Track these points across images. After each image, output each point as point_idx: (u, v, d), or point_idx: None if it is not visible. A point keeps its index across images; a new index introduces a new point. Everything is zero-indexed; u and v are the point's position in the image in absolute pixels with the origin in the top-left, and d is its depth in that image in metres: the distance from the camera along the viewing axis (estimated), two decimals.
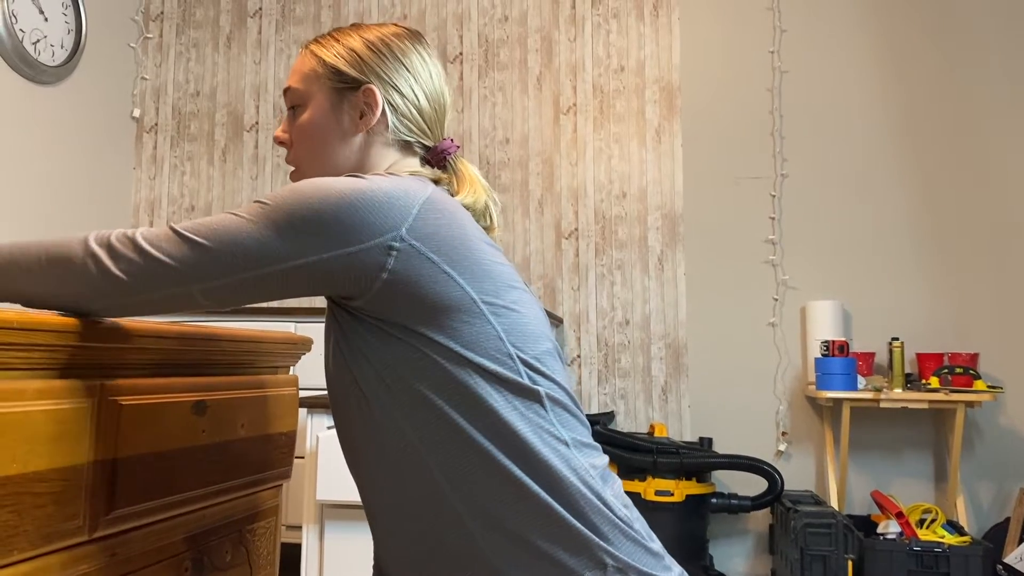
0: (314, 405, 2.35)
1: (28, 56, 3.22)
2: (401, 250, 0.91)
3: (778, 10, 3.51)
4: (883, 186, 3.36)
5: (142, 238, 0.91)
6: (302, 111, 1.13)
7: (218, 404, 1.24)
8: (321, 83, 1.13)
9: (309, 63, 1.14)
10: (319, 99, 1.13)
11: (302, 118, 1.13)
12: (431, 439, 0.93)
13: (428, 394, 0.93)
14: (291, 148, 1.15)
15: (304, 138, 1.13)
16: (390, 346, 0.94)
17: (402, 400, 0.94)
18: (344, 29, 1.17)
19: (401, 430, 0.94)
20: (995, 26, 3.33)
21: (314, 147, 1.13)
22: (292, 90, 1.15)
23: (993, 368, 3.20)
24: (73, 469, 0.94)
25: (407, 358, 0.93)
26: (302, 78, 1.14)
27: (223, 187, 3.85)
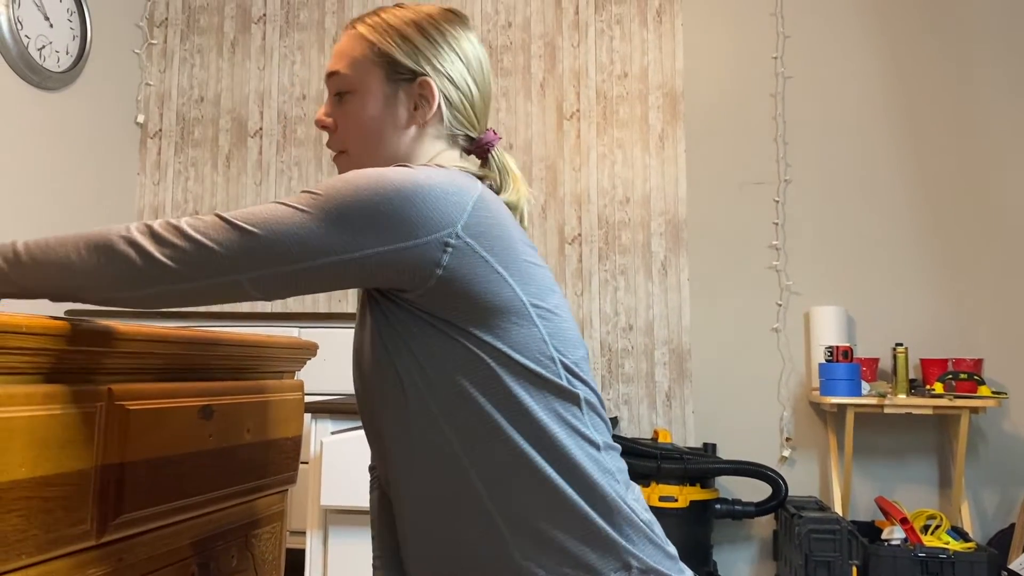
0: (319, 410, 2.35)
1: (33, 62, 3.23)
2: (456, 247, 0.90)
3: (781, 16, 3.51)
4: (887, 191, 3.36)
5: (188, 225, 0.89)
6: (353, 99, 1.08)
7: (224, 409, 1.24)
8: (374, 72, 1.07)
9: (359, 48, 1.08)
10: (373, 89, 1.08)
11: (354, 106, 1.08)
12: (469, 436, 0.93)
13: (471, 391, 0.92)
14: (335, 133, 1.10)
15: (356, 127, 1.08)
16: (437, 340, 0.93)
17: (443, 395, 0.93)
18: (389, 10, 1.10)
19: (438, 425, 0.93)
20: (999, 33, 3.34)
21: (367, 138, 1.08)
22: (340, 76, 1.09)
23: (997, 374, 3.20)
24: (81, 474, 0.94)
25: (454, 353, 0.93)
26: (352, 64, 1.08)
27: (227, 193, 3.86)
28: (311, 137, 3.82)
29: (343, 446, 2.18)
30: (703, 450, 3.25)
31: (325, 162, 3.79)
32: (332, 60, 1.10)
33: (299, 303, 3.72)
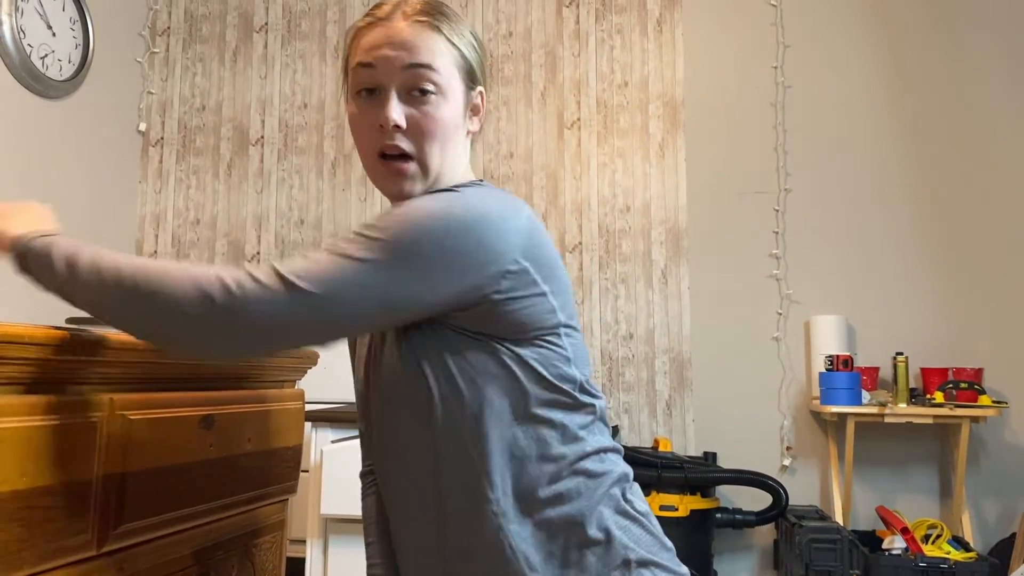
0: (318, 419, 2.35)
1: (36, 71, 3.24)
2: (515, 272, 0.91)
3: (781, 25, 3.52)
4: (887, 200, 3.37)
5: (251, 290, 0.84)
6: (437, 99, 0.99)
7: (225, 418, 1.24)
8: (457, 76, 1.02)
9: (443, 47, 1.01)
10: (457, 93, 1.02)
11: (440, 108, 0.99)
12: (489, 447, 0.93)
13: (497, 402, 0.93)
14: (406, 135, 0.99)
15: (437, 130, 0.99)
16: (472, 353, 0.93)
17: (470, 405, 0.93)
18: (448, 9, 1.05)
19: (460, 435, 0.93)
20: (1000, 42, 3.34)
21: (446, 144, 1.01)
22: (432, 71, 0.99)
23: (998, 383, 3.20)
24: (82, 483, 0.95)
25: (487, 367, 0.93)
26: (442, 62, 1.00)
27: (228, 201, 3.86)
28: (312, 145, 3.83)
29: (343, 455, 2.18)
30: (703, 459, 3.25)
31: (326, 171, 3.79)
32: (406, 51, 0.98)
33: None
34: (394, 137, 0.98)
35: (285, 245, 3.78)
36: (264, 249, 3.80)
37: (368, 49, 1.00)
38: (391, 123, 0.97)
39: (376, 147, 0.99)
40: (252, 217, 3.83)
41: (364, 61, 1.00)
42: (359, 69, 1.00)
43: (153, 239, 3.89)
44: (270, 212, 3.82)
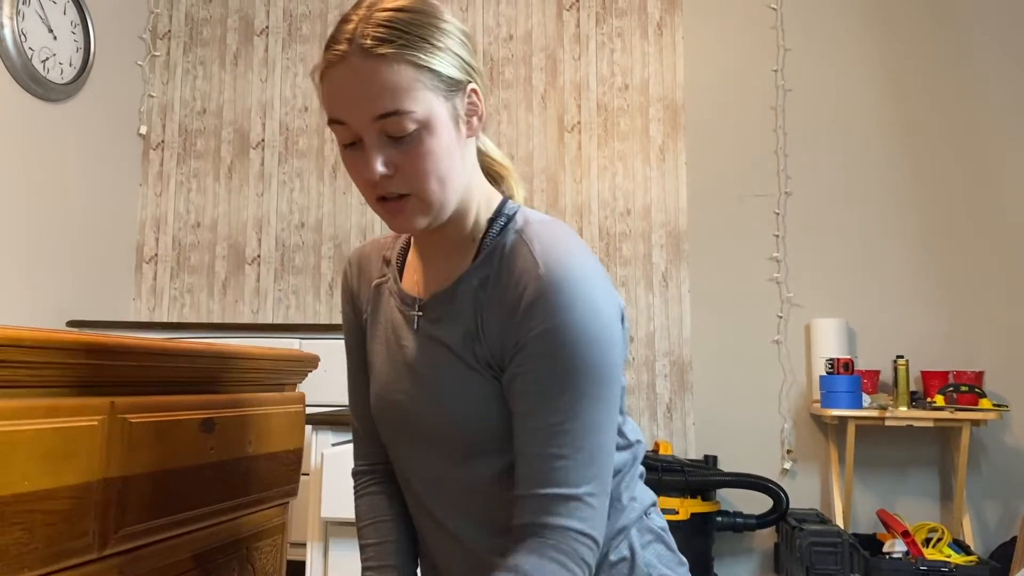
0: (319, 422, 2.35)
1: (37, 74, 3.24)
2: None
3: (781, 29, 3.53)
4: (887, 204, 3.37)
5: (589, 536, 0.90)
6: (421, 134, 0.91)
7: (226, 422, 1.24)
8: (440, 96, 0.93)
9: (414, 76, 0.91)
10: (442, 114, 0.93)
11: (424, 143, 0.91)
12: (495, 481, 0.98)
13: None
14: (396, 178, 0.93)
15: (430, 166, 0.92)
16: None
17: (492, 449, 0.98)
18: (381, 13, 0.91)
19: (509, 476, 0.97)
20: (999, 45, 3.35)
21: (444, 172, 0.94)
22: (405, 114, 0.90)
23: (998, 386, 3.20)
24: (83, 487, 0.95)
25: None
26: (416, 96, 0.90)
27: (229, 204, 3.87)
28: (313, 148, 3.83)
29: (344, 458, 2.17)
30: (704, 462, 3.25)
31: (327, 174, 3.80)
32: (371, 100, 0.90)
33: (300, 314, 3.73)
34: (387, 186, 0.93)
35: (286, 248, 3.79)
36: (264, 252, 3.80)
37: (332, 101, 0.92)
38: (375, 177, 0.92)
39: (372, 196, 0.95)
40: (253, 220, 3.83)
41: (333, 117, 0.93)
42: (333, 126, 0.94)
43: (154, 242, 3.89)
44: (271, 215, 3.82)
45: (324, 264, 3.74)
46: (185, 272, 3.86)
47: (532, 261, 0.93)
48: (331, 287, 3.73)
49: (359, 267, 1.15)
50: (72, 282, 3.47)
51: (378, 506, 1.14)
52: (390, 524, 1.12)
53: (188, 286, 3.84)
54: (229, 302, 3.80)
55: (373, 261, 1.14)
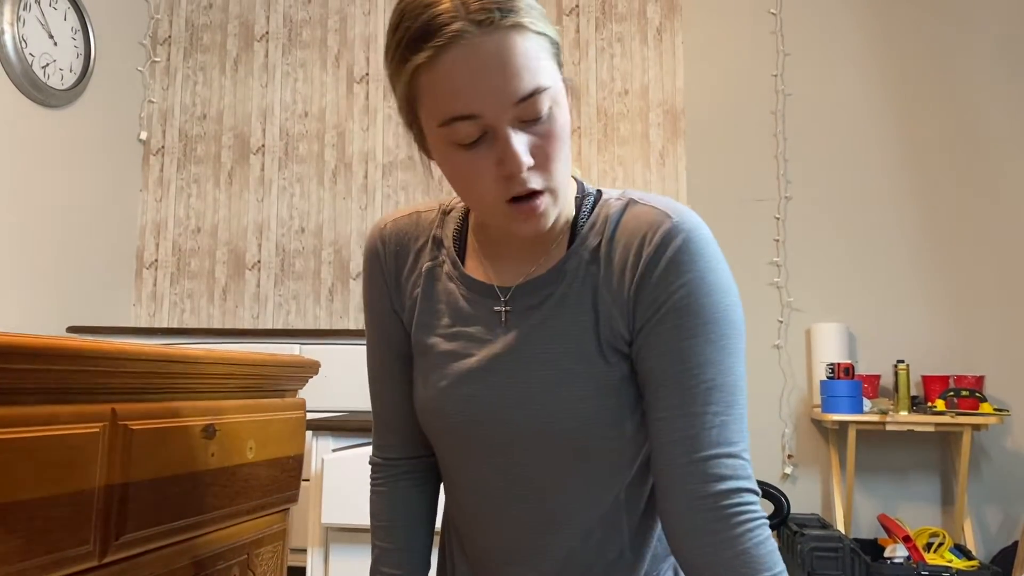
0: (320, 428, 2.35)
1: (37, 80, 3.25)
2: None
3: (781, 34, 3.53)
4: (888, 208, 3.37)
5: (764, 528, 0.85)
6: (554, 110, 0.82)
7: (227, 428, 1.24)
8: (557, 66, 0.84)
9: (539, 46, 0.81)
10: (561, 87, 0.84)
11: (557, 121, 0.82)
12: (634, 497, 0.95)
13: (645, 454, 0.93)
14: (534, 169, 0.82)
15: (563, 146, 0.83)
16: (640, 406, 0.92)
17: (640, 459, 0.94)
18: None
19: (619, 481, 0.93)
20: (999, 51, 3.35)
21: (568, 156, 0.85)
22: (544, 91, 0.80)
23: (999, 391, 3.20)
24: (84, 494, 0.95)
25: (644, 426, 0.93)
26: (545, 70, 0.81)
27: (229, 209, 3.87)
28: (313, 154, 3.83)
29: (344, 464, 2.17)
30: None
31: (327, 179, 3.80)
32: (508, 81, 0.78)
33: (300, 319, 3.73)
34: (526, 181, 0.81)
35: (286, 254, 3.79)
36: (264, 257, 3.80)
37: (457, 94, 0.78)
38: (523, 168, 0.80)
39: (502, 196, 0.83)
40: (253, 225, 3.84)
41: (462, 114, 0.79)
42: (456, 124, 0.80)
43: (154, 248, 3.89)
44: (271, 220, 3.82)
45: (324, 269, 3.74)
46: (185, 277, 3.86)
47: (658, 213, 0.88)
48: (331, 292, 3.72)
49: (398, 245, 1.02)
50: (72, 287, 3.47)
51: (393, 507, 1.08)
52: (402, 529, 1.07)
53: (188, 291, 3.85)
54: (229, 307, 3.80)
55: (416, 241, 1.01)
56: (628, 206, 0.91)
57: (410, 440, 1.08)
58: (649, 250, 0.87)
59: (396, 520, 1.07)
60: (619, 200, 0.93)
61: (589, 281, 0.90)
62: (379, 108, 3.79)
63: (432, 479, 1.11)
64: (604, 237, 0.90)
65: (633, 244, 0.88)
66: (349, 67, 3.84)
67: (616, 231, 0.90)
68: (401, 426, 1.07)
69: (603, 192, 0.96)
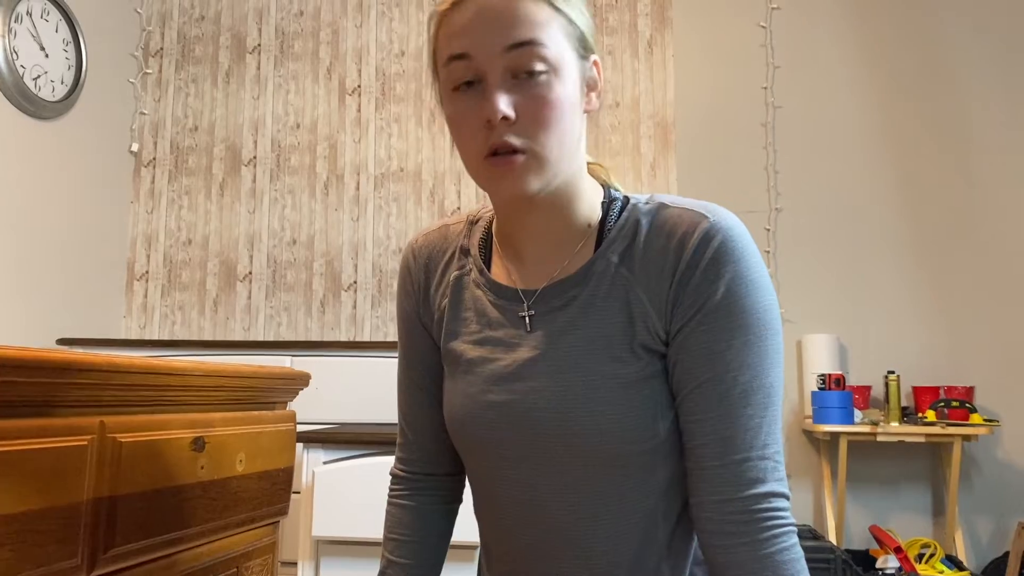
0: (311, 440, 2.35)
1: (28, 92, 3.24)
2: None
3: (771, 47, 3.56)
4: (878, 219, 3.39)
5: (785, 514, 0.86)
6: (550, 78, 0.84)
7: (217, 440, 1.24)
8: (568, 48, 0.87)
9: (547, 15, 0.85)
10: (572, 66, 0.87)
11: (553, 89, 0.84)
12: (670, 505, 0.93)
13: (680, 465, 0.92)
14: (516, 127, 0.84)
15: (554, 116, 0.84)
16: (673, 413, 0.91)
17: (673, 463, 0.91)
18: None
19: (653, 489, 0.91)
20: (987, 62, 3.38)
21: (563, 130, 0.86)
22: (539, 46, 0.83)
23: (989, 402, 3.21)
24: (72, 507, 0.94)
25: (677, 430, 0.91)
26: (550, 33, 0.85)
27: (220, 221, 3.86)
28: (305, 165, 3.83)
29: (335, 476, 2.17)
30: None
31: (318, 191, 3.80)
32: (504, 27, 0.83)
33: (292, 331, 3.72)
34: (503, 133, 0.83)
35: (277, 265, 3.78)
36: (256, 269, 3.79)
37: (457, 35, 0.85)
38: (499, 116, 0.82)
39: (482, 148, 0.85)
40: (244, 237, 3.83)
41: (456, 52, 0.85)
42: (452, 63, 0.85)
43: (145, 259, 3.89)
44: (262, 232, 3.82)
45: (316, 281, 3.74)
46: (176, 289, 3.85)
47: (695, 214, 0.88)
48: (323, 304, 3.72)
49: (428, 259, 1.04)
50: (63, 299, 3.45)
51: (409, 521, 1.07)
52: (415, 545, 1.06)
53: (179, 303, 3.83)
54: (220, 319, 3.79)
55: (444, 252, 1.03)
56: (659, 209, 0.92)
57: (435, 456, 1.07)
58: (688, 251, 0.86)
59: (412, 534, 1.06)
60: (648, 204, 0.93)
61: (619, 282, 0.90)
62: (371, 120, 3.80)
63: (453, 500, 1.10)
64: (638, 240, 0.90)
65: (671, 245, 0.88)
66: (341, 79, 3.85)
67: (650, 232, 0.90)
68: (426, 441, 1.07)
69: (631, 197, 0.96)
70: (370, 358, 3.09)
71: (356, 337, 3.65)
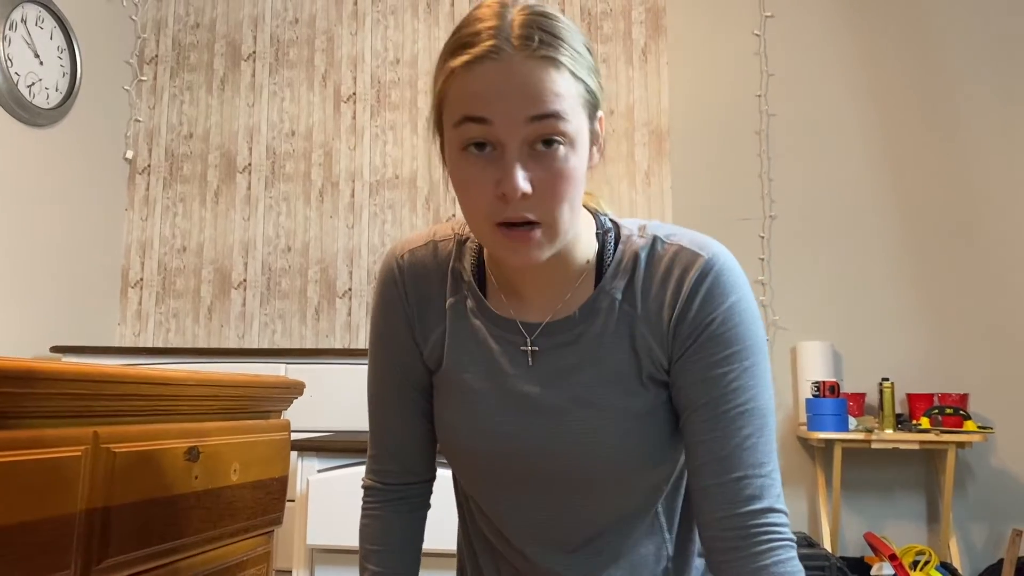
0: (305, 448, 2.34)
1: (23, 99, 3.24)
2: None
3: (765, 55, 3.57)
4: (872, 227, 3.40)
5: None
6: (566, 151, 0.84)
7: (211, 450, 1.24)
8: (584, 112, 0.87)
9: (570, 84, 0.84)
10: (584, 134, 0.87)
11: (568, 161, 0.84)
12: (670, 506, 1.02)
13: (680, 467, 1.01)
14: (531, 200, 0.83)
15: (569, 189, 0.85)
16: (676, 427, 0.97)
17: (673, 473, 1.00)
18: (560, 20, 0.87)
19: (657, 498, 1.00)
20: (983, 70, 3.39)
21: (575, 199, 0.86)
22: (560, 120, 0.82)
23: (983, 408, 3.21)
24: (65, 519, 0.94)
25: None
26: (569, 105, 0.84)
27: (215, 228, 3.86)
28: (299, 172, 3.83)
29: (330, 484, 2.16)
30: None
31: (313, 198, 3.80)
32: (528, 99, 0.81)
33: (286, 339, 3.71)
34: (518, 207, 0.83)
35: (272, 272, 3.78)
36: (250, 276, 3.79)
37: (477, 97, 0.82)
38: (518, 193, 0.81)
39: (494, 215, 0.84)
40: (239, 244, 3.83)
41: (475, 115, 0.82)
42: (468, 124, 0.83)
43: (139, 267, 3.88)
44: (257, 239, 3.82)
45: (310, 288, 3.74)
46: (170, 297, 3.84)
47: (690, 253, 0.92)
48: (317, 311, 3.72)
49: (418, 277, 1.01)
50: (57, 307, 3.44)
51: (387, 532, 1.07)
52: (400, 554, 1.07)
53: (173, 311, 3.83)
54: (215, 327, 3.78)
55: (433, 273, 1.01)
56: (655, 244, 0.95)
57: (410, 467, 1.08)
58: (686, 287, 0.90)
59: (391, 544, 1.07)
60: (642, 237, 0.96)
61: (624, 319, 0.93)
62: (366, 127, 3.80)
63: (425, 504, 1.12)
64: (637, 275, 0.93)
65: (670, 283, 0.91)
66: (336, 86, 3.85)
67: (650, 270, 0.93)
68: (404, 454, 1.07)
69: (622, 227, 0.98)
70: (365, 365, 3.08)
71: (351, 344, 3.65)
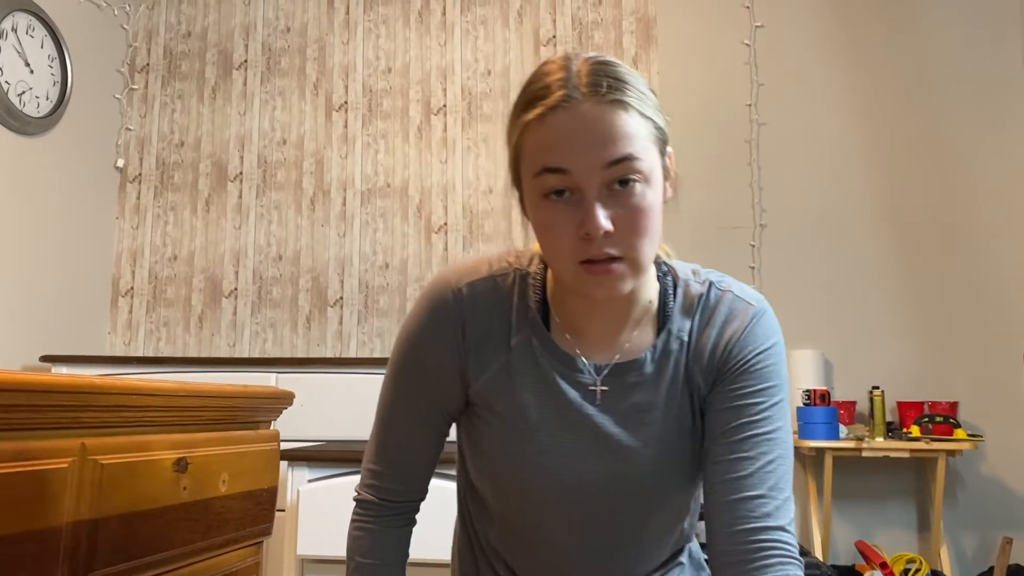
0: (295, 458, 2.33)
1: (13, 108, 3.23)
2: None
3: (755, 64, 3.58)
4: (862, 236, 3.41)
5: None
6: (643, 188, 0.88)
7: (199, 461, 1.23)
8: (655, 149, 0.92)
9: (640, 124, 0.89)
10: (658, 170, 0.92)
11: (645, 198, 0.88)
12: (685, 510, 1.08)
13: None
14: (613, 237, 0.87)
15: (648, 224, 0.89)
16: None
17: (697, 487, 1.07)
18: (623, 68, 0.92)
19: (684, 506, 1.08)
20: (972, 78, 3.41)
21: (654, 234, 0.91)
22: (635, 160, 0.87)
23: (973, 417, 3.22)
24: (51, 531, 0.93)
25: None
26: (643, 145, 0.88)
27: (206, 237, 3.85)
28: (291, 181, 3.83)
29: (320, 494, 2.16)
30: None
31: (304, 207, 3.80)
32: (603, 145, 0.85)
33: (277, 348, 3.70)
34: (602, 244, 0.87)
35: (263, 281, 3.77)
36: (241, 285, 3.78)
37: (553, 149, 0.86)
38: (600, 232, 0.85)
39: (578, 255, 0.88)
40: (230, 253, 3.82)
41: (552, 165, 0.86)
42: (546, 175, 0.87)
43: (130, 276, 3.87)
44: (248, 248, 3.81)
45: (302, 297, 3.73)
46: (161, 306, 3.83)
47: (743, 303, 1.02)
48: (308, 320, 3.71)
49: (475, 313, 1.02)
50: (47, 316, 3.43)
51: (381, 546, 1.08)
52: (391, 568, 1.09)
53: (164, 320, 3.82)
54: (205, 336, 3.77)
55: (495, 308, 1.02)
56: (711, 289, 1.04)
57: (416, 487, 1.11)
58: (738, 330, 0.99)
59: (385, 558, 1.09)
60: (699, 283, 1.05)
61: (683, 362, 1.00)
62: (358, 136, 3.80)
63: (414, 520, 1.14)
64: (696, 320, 1.02)
65: (726, 332, 1.00)
66: (328, 95, 3.86)
67: (705, 313, 1.02)
68: (413, 475, 1.10)
69: (679, 271, 1.08)
70: (356, 375, 3.08)
71: (342, 353, 3.64)
